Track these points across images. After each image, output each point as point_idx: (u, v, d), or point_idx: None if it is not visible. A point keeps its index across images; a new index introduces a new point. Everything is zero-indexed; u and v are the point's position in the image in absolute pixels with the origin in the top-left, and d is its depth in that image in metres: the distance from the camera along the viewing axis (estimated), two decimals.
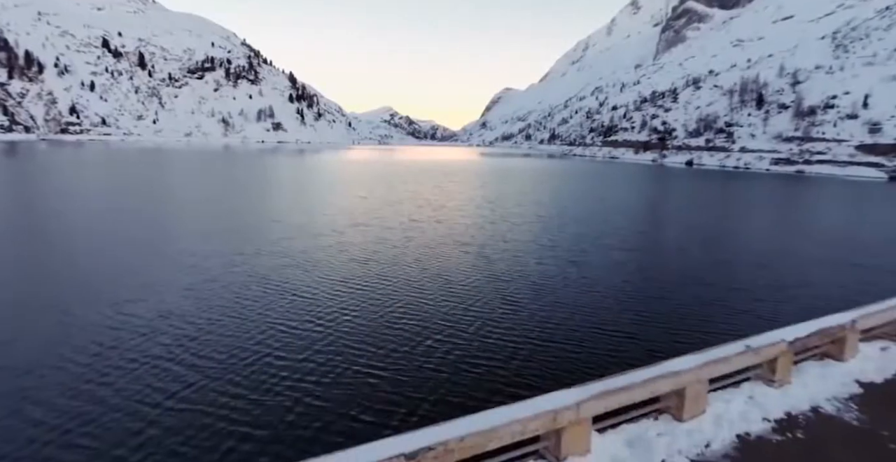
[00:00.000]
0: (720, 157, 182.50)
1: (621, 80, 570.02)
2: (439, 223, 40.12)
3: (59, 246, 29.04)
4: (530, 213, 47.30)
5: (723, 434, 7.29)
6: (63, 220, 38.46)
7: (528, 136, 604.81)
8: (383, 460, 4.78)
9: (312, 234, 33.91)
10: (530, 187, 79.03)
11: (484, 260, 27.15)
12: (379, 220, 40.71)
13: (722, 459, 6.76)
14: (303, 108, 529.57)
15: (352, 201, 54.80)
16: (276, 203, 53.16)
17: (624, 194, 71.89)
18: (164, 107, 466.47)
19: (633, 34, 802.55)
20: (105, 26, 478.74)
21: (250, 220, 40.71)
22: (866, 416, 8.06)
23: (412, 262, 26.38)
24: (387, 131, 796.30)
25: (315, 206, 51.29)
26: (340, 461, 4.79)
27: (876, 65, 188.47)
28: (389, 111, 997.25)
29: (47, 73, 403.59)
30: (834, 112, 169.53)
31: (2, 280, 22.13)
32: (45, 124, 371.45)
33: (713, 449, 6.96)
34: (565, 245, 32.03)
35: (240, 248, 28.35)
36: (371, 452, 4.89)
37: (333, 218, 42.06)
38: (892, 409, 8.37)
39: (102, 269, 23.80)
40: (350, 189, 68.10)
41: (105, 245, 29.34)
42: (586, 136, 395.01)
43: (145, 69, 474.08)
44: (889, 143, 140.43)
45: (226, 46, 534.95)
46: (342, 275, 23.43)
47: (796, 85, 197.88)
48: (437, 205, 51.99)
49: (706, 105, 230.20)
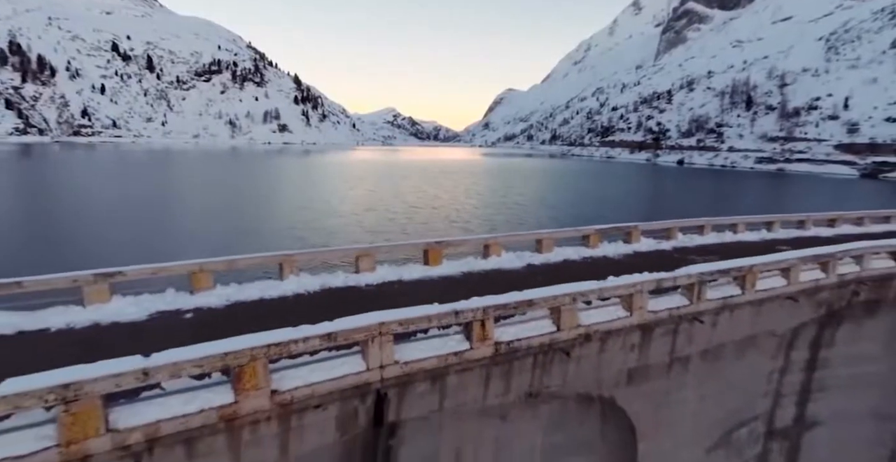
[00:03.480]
0: (709, 157, 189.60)
1: (622, 81, 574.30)
2: (435, 209, 49.03)
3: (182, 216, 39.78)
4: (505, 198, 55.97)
5: None
6: (167, 206, 49.57)
7: (529, 136, 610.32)
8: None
9: (336, 214, 44.08)
10: (518, 182, 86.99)
11: (451, 221, 36.49)
12: (385, 206, 50.11)
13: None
14: (308, 109, 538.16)
15: (361, 193, 63.72)
16: (299, 195, 62.10)
17: (595, 186, 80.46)
18: (172, 109, 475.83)
19: (635, 35, 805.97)
20: (114, 30, 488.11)
21: (284, 207, 50.53)
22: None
23: (410, 225, 35.82)
24: (390, 132, 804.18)
25: (331, 197, 60.17)
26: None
27: (859, 68, 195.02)
28: (393, 112, 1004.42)
29: (59, 76, 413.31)
30: (817, 113, 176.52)
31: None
32: (58, 127, 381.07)
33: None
34: (513, 214, 41.62)
35: (288, 223, 38.23)
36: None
37: (347, 205, 51.29)
38: None
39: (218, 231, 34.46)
40: (359, 183, 76.68)
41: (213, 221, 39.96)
42: (585, 136, 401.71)
43: (153, 72, 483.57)
44: (865, 143, 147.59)
45: (232, 49, 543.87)
46: (362, 230, 33.84)
47: (783, 87, 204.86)
48: (432, 195, 60.92)
49: (699, 106, 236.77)
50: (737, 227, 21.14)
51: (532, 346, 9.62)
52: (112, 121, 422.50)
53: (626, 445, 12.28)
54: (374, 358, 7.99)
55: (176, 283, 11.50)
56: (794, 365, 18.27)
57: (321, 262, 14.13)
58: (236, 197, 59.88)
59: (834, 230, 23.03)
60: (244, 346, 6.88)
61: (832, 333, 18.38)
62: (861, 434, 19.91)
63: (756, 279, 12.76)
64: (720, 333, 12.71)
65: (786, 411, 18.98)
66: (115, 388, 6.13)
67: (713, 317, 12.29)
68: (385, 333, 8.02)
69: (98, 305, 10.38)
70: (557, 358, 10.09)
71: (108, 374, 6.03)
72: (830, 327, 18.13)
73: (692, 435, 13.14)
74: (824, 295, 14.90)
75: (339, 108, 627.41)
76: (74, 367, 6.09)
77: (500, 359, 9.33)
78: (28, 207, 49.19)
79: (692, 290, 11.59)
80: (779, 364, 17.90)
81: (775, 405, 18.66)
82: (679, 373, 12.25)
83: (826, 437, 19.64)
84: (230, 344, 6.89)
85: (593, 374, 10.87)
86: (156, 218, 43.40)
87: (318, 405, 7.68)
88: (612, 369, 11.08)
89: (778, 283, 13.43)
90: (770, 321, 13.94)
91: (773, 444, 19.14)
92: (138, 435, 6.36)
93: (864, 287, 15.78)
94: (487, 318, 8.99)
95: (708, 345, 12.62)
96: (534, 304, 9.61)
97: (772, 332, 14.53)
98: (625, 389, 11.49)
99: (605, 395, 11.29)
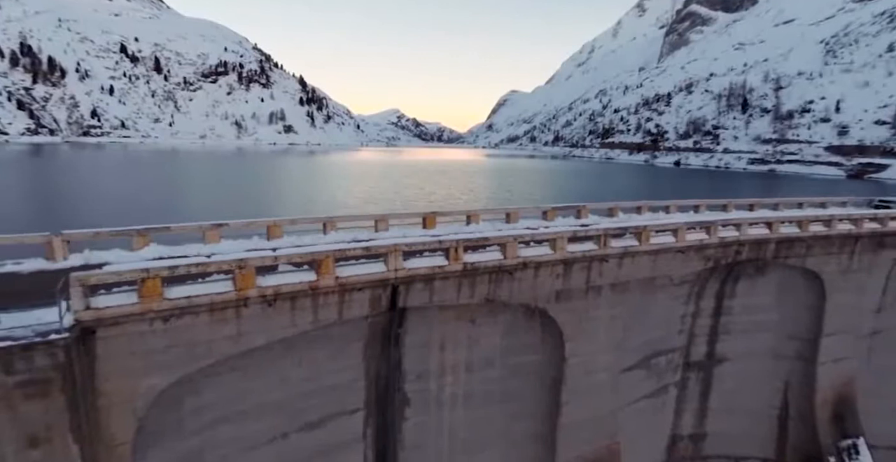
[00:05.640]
0: (704, 158, 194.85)
1: (625, 83, 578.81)
2: (431, 203, 54.49)
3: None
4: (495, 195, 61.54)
5: None
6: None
7: (532, 138, 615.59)
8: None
9: (342, 206, 49.34)
10: (511, 181, 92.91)
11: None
12: (385, 200, 55.60)
13: None
14: (313, 110, 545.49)
15: (363, 189, 69.34)
16: (307, 190, 68.01)
17: (588, 185, 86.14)
18: (179, 110, 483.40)
19: (639, 37, 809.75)
20: (122, 32, 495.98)
21: (294, 200, 56.18)
22: None
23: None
24: (394, 133, 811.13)
25: (336, 192, 66.00)
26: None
27: (853, 72, 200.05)
28: (396, 113, 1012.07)
29: (69, 77, 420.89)
30: (809, 116, 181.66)
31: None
32: (68, 127, 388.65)
33: None
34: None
35: (301, 213, 44.64)
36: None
37: (351, 199, 56.65)
38: None
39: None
40: (362, 181, 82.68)
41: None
42: (586, 137, 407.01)
43: (161, 73, 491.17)
44: (854, 145, 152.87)
45: (238, 51, 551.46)
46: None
47: (779, 90, 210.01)
48: (428, 192, 66.64)
49: (697, 109, 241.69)
50: (669, 208, 26.87)
51: (488, 266, 15.46)
52: (121, 121, 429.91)
53: (557, 347, 18.07)
54: (391, 264, 13.85)
55: (259, 234, 17.44)
56: (704, 311, 24.11)
57: (351, 226, 19.82)
58: (250, 191, 65.69)
59: (753, 214, 28.64)
60: (322, 250, 12.77)
61: (733, 287, 24.17)
62: (761, 369, 25.64)
63: (650, 235, 18.53)
64: (625, 272, 18.47)
65: (699, 348, 24.79)
66: (260, 264, 12.00)
67: (618, 260, 18.06)
68: (398, 251, 13.88)
69: (213, 244, 16.28)
70: (505, 277, 15.93)
71: (258, 256, 11.94)
72: (731, 282, 23.93)
73: (605, 342, 18.83)
74: (710, 251, 20.61)
75: (343, 110, 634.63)
76: (242, 253, 12.01)
77: (467, 273, 15.17)
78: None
79: (600, 239, 17.37)
80: (691, 309, 23.74)
81: (690, 343, 24.48)
82: (594, 297, 18.02)
83: (733, 370, 25.40)
84: (315, 249, 12.80)
85: (531, 291, 16.68)
86: (188, 205, 49.58)
87: (360, 288, 13.55)
88: (545, 289, 16.88)
89: (669, 240, 19.18)
90: (665, 268, 19.69)
91: (691, 374, 24.97)
92: (270, 291, 12.22)
93: (744, 247, 21.50)
94: (459, 247, 14.83)
95: (616, 280, 18.37)
96: (489, 240, 15.49)
97: (669, 276, 20.28)
98: (555, 305, 17.29)
99: (541, 306, 17.09)
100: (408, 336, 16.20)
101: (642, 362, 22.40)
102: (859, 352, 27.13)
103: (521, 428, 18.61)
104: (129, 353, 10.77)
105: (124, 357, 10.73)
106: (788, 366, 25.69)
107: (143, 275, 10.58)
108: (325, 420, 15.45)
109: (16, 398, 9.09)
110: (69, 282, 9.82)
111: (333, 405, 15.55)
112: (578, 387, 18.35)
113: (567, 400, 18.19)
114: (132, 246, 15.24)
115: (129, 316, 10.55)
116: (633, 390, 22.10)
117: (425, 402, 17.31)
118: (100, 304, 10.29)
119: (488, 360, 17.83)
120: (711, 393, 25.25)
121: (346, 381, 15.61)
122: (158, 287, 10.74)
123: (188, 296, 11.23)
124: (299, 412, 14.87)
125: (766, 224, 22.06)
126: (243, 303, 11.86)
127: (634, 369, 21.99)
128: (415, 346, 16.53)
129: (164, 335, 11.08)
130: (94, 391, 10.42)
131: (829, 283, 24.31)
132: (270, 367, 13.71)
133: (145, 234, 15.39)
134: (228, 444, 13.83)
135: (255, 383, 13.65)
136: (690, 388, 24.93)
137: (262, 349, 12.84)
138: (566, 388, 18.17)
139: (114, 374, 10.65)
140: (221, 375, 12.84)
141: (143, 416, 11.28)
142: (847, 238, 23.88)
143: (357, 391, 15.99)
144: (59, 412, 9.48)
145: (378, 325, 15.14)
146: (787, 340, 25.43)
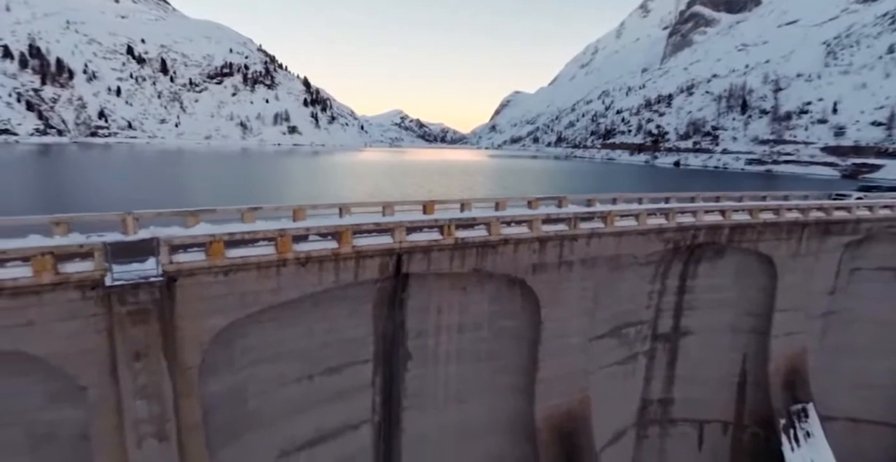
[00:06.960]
0: (703, 158, 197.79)
1: (627, 84, 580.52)
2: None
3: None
4: (491, 192, 64.83)
5: None
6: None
7: (535, 139, 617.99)
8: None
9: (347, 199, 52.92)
10: (509, 180, 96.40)
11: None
12: (385, 197, 58.70)
13: None
14: (317, 111, 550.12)
15: (366, 187, 72.85)
16: (312, 188, 71.42)
17: (584, 185, 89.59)
18: (185, 111, 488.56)
19: (642, 37, 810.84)
20: (129, 34, 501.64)
21: (299, 197, 58.95)
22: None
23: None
24: (397, 134, 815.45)
25: (339, 189, 69.47)
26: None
27: (850, 73, 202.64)
28: (400, 114, 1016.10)
29: (77, 79, 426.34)
30: (807, 117, 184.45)
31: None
32: (76, 128, 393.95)
33: None
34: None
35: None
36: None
37: (354, 196, 60.11)
38: None
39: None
40: (365, 180, 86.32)
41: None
42: (588, 138, 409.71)
43: (167, 74, 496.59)
44: (849, 146, 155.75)
45: (243, 52, 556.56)
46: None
47: (778, 92, 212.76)
48: (427, 189, 70.22)
49: (697, 110, 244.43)
50: (642, 199, 30.21)
51: (476, 241, 18.94)
52: (127, 122, 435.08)
53: (534, 313, 21.51)
54: (397, 237, 17.35)
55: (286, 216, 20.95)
56: (669, 289, 27.52)
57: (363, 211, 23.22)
58: (256, 188, 69.24)
59: (708, 203, 31.81)
60: (343, 224, 16.27)
61: (695, 268, 27.57)
62: (721, 341, 29.03)
63: (615, 219, 21.96)
64: (593, 250, 21.91)
65: (666, 322, 28.19)
66: (296, 234, 15.51)
67: (587, 239, 21.50)
68: (402, 227, 17.38)
69: (250, 224, 19.76)
70: (490, 251, 19.40)
71: (293, 227, 15.44)
72: (693, 263, 27.32)
73: (577, 310, 22.25)
74: (668, 235, 24.01)
75: (347, 111, 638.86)
76: (281, 222, 15.56)
77: (458, 247, 18.66)
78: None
79: (571, 221, 20.81)
80: (657, 287, 27.15)
81: (657, 317, 27.89)
82: (566, 270, 21.46)
83: (697, 342, 28.80)
84: (334, 221, 16.30)
85: (512, 264, 20.14)
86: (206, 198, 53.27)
87: (372, 256, 17.05)
88: (524, 262, 20.33)
89: (632, 224, 22.59)
90: (630, 247, 23.12)
91: (658, 345, 28.38)
92: (303, 255, 15.72)
93: (700, 232, 24.90)
94: (452, 225, 18.33)
95: (585, 256, 21.81)
96: (477, 220, 19.00)
97: (633, 255, 23.69)
98: (532, 276, 20.73)
99: (520, 277, 20.54)
100: (410, 300, 19.69)
101: (613, 332, 25.81)
102: (812, 329, 30.43)
103: (504, 381, 22.09)
104: (198, 298, 14.28)
105: (195, 301, 14.24)
106: (746, 339, 29.03)
107: (210, 238, 14.10)
108: (342, 367, 18.96)
109: (126, 323, 12.61)
110: (160, 242, 13.33)
111: (349, 355, 19.06)
112: (553, 347, 21.81)
113: (543, 358, 21.65)
114: (185, 224, 18.73)
115: (199, 269, 14.07)
116: (604, 356, 25.51)
117: (424, 357, 20.80)
118: (180, 260, 13.81)
119: (477, 323, 21.31)
120: (678, 362, 28.63)
121: (360, 335, 19.12)
122: (221, 248, 14.24)
123: (242, 256, 14.75)
124: (322, 359, 18.38)
125: (720, 212, 25.44)
126: (282, 263, 15.38)
127: (606, 337, 25.40)
128: (416, 310, 20.02)
129: (223, 285, 14.59)
130: (174, 326, 13.93)
131: (780, 265, 27.65)
132: (300, 320, 17.23)
133: (196, 215, 18.83)
134: (266, 382, 17.35)
135: (288, 332, 17.16)
136: (658, 358, 28.32)
137: (294, 302, 16.35)
138: (542, 348, 21.62)
139: (188, 314, 14.17)
140: (262, 323, 16.36)
141: (207, 349, 14.80)
142: (795, 225, 27.22)
143: (368, 345, 19.50)
144: (155, 336, 13.00)
145: (385, 290, 18.65)
146: (744, 316, 28.77)
